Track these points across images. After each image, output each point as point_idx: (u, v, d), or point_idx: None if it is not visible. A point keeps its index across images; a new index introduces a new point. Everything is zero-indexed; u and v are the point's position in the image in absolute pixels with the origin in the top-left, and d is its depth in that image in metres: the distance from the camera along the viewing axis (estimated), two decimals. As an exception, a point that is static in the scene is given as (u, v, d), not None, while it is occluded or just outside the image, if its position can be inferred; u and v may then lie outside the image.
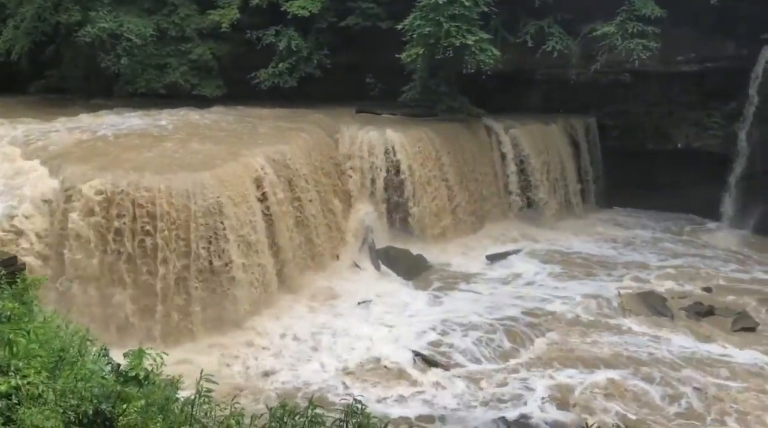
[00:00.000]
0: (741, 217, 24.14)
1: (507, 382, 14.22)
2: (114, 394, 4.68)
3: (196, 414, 5.20)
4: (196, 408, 5.22)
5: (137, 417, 4.66)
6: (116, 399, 4.67)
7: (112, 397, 4.64)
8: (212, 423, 5.42)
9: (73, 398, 4.64)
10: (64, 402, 4.60)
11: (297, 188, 18.80)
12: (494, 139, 24.69)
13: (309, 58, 25.39)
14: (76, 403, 4.59)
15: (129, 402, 4.69)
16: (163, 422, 4.98)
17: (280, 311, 16.79)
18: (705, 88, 24.57)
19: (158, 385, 5.40)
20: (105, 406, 4.59)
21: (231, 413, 5.17)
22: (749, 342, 16.04)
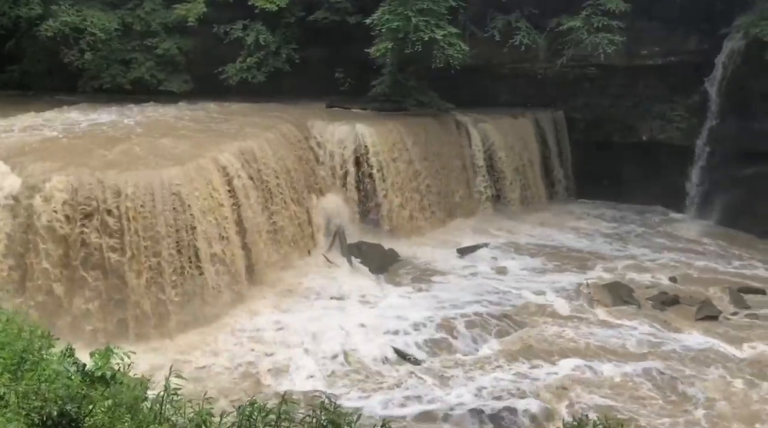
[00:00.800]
0: (705, 208, 24.68)
1: (480, 374, 14.35)
2: (79, 395, 4.60)
3: (165, 412, 5.15)
4: (165, 407, 5.16)
5: (104, 418, 4.60)
6: (82, 400, 4.60)
7: (78, 398, 4.57)
8: (182, 421, 5.37)
9: (37, 400, 4.55)
10: (27, 404, 4.51)
11: (267, 184, 18.69)
12: (463, 133, 24.84)
13: (277, 52, 25.21)
14: (40, 405, 4.51)
15: (95, 403, 4.63)
16: (132, 422, 4.92)
17: (251, 308, 16.69)
18: (669, 81, 25.02)
19: (126, 385, 5.33)
20: (70, 407, 4.51)
21: (200, 410, 5.12)
22: (712, 329, 16.41)
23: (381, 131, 22.35)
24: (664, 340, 15.88)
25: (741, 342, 15.79)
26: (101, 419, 4.64)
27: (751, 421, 12.71)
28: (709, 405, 13.21)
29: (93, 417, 4.64)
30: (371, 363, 14.65)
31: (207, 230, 16.07)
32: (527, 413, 12.75)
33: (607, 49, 22.92)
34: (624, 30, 23.22)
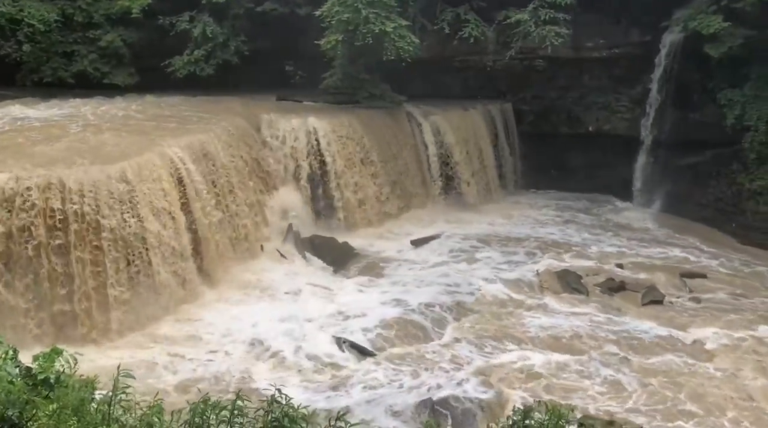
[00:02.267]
0: (649, 196, 25.49)
1: (432, 364, 14.48)
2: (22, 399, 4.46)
3: (114, 412, 5.03)
4: (113, 407, 5.05)
5: (48, 422, 4.47)
6: (24, 405, 4.45)
7: (20, 403, 4.42)
8: (132, 421, 5.26)
9: (-23, 405, 4.40)
10: (-34, 410, 4.35)
11: (217, 179, 18.41)
12: (415, 125, 24.98)
13: (226, 45, 24.84)
14: (-20, 411, 4.35)
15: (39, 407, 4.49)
16: (78, 424, 4.79)
17: (203, 305, 16.44)
18: (613, 73, 25.68)
19: (72, 387, 5.19)
20: (12, 412, 4.37)
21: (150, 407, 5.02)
22: (657, 314, 16.96)
23: (333, 123, 22.27)
24: (612, 325, 16.32)
25: (684, 325, 16.37)
26: (45, 423, 4.50)
27: (698, 402, 13.16)
28: (655, 388, 13.64)
29: (37, 422, 4.51)
30: (325, 356, 14.64)
31: (155, 227, 15.73)
32: (479, 401, 12.94)
33: (554, 42, 23.35)
34: (570, 23, 23.72)
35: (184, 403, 5.51)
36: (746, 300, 17.89)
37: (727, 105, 22.62)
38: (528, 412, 5.43)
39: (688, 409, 12.89)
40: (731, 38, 21.28)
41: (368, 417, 12.46)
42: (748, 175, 22.60)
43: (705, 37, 21.68)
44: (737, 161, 23.10)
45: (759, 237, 21.85)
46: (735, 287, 18.69)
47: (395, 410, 12.76)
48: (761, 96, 21.86)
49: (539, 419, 5.88)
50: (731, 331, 15.98)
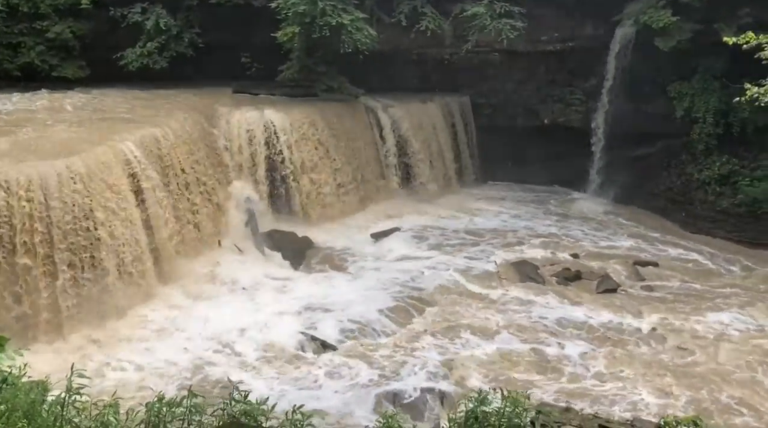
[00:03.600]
0: (603, 187, 26.02)
1: (393, 356, 14.55)
2: (-32, 402, 4.31)
3: (67, 414, 4.92)
4: (66, 409, 4.93)
5: (-3, 425, 4.34)
6: (-30, 408, 4.31)
7: (-35, 406, 4.28)
8: (87, 422, 5.15)
9: None
10: None
11: (172, 174, 18.09)
12: (374, 118, 24.96)
13: (179, 37, 24.36)
14: None
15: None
16: (29, 426, 4.67)
17: (159, 302, 16.17)
18: (567, 66, 26.07)
19: (21, 388, 5.05)
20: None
21: (106, 407, 4.92)
22: (611, 302, 17.36)
23: (291, 116, 22.09)
24: (568, 314, 16.65)
25: (638, 312, 16.80)
26: (-7, 426, 4.38)
27: (655, 388, 13.54)
28: (611, 374, 13.98)
29: (-16, 425, 4.38)
30: (286, 350, 14.57)
31: (108, 223, 15.38)
32: (439, 392, 13.07)
33: (510, 35, 23.60)
34: (525, 17, 23.99)
35: (141, 402, 5.43)
36: (696, 287, 18.45)
37: (677, 97, 23.25)
38: (483, 400, 5.49)
39: (644, 396, 13.23)
40: (680, 32, 21.84)
41: (329, 410, 12.47)
42: (696, 166, 23.29)
43: (655, 31, 22.19)
44: (686, 152, 23.78)
45: (707, 226, 22.54)
46: (685, 275, 19.26)
47: (356, 402, 12.79)
48: (708, 89, 22.52)
49: (497, 407, 5.97)
50: (683, 318, 16.47)
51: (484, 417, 5.97)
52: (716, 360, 14.60)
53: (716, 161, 22.80)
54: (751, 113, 21.27)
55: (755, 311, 16.91)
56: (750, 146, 22.52)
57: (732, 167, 22.43)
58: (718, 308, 17.00)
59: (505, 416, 5.84)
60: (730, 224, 22.05)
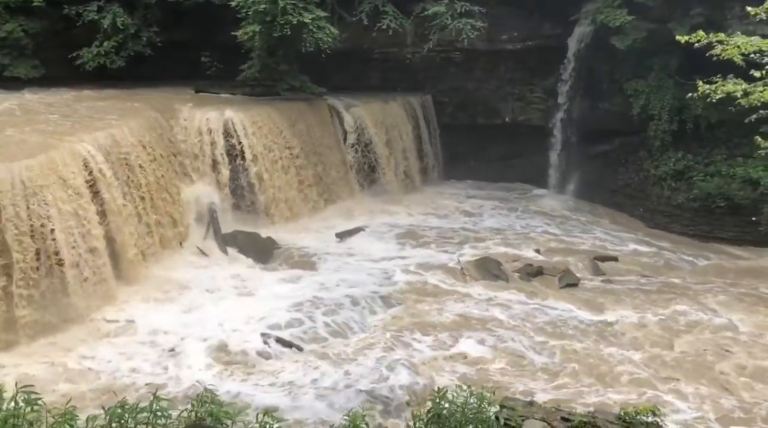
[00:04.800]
0: (563, 184, 26.48)
1: (360, 355, 14.57)
2: None
3: (22, 424, 4.79)
4: (22, 419, 4.80)
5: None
6: None
7: None
8: (43, 430, 5.03)
9: None
10: None
11: (132, 175, 17.77)
12: (336, 117, 24.91)
13: (137, 36, 23.93)
14: None
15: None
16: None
17: (120, 306, 15.87)
18: (527, 65, 26.42)
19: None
20: None
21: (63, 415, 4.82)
22: (573, 297, 17.69)
23: (252, 116, 21.91)
24: (531, 309, 16.90)
25: (599, 307, 17.14)
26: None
27: (617, 381, 13.83)
28: (574, 369, 14.22)
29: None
30: (251, 353, 14.44)
31: (66, 226, 15.03)
32: (407, 389, 13.13)
33: (470, 35, 23.82)
34: (485, 16, 24.24)
35: (102, 408, 5.33)
36: (654, 281, 18.91)
37: (633, 95, 23.77)
38: (444, 395, 5.56)
39: (605, 388, 13.52)
40: (635, 31, 22.34)
41: (297, 412, 12.44)
42: (653, 162, 23.87)
43: (612, 30, 22.66)
44: (643, 149, 24.34)
45: (664, 221, 23.13)
46: (644, 269, 19.73)
47: (324, 402, 12.77)
48: (663, 86, 23.08)
49: (462, 403, 6.04)
50: (642, 311, 16.85)
51: (449, 413, 6.05)
52: (674, 351, 14.99)
53: (672, 158, 23.40)
54: (704, 110, 21.94)
55: (711, 303, 17.40)
56: (703, 142, 23.18)
57: (687, 163, 23.05)
58: (675, 301, 17.44)
59: (470, 411, 5.92)
60: (685, 218, 22.66)
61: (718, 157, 22.69)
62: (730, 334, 15.67)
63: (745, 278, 19.18)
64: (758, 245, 21.11)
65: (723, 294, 17.87)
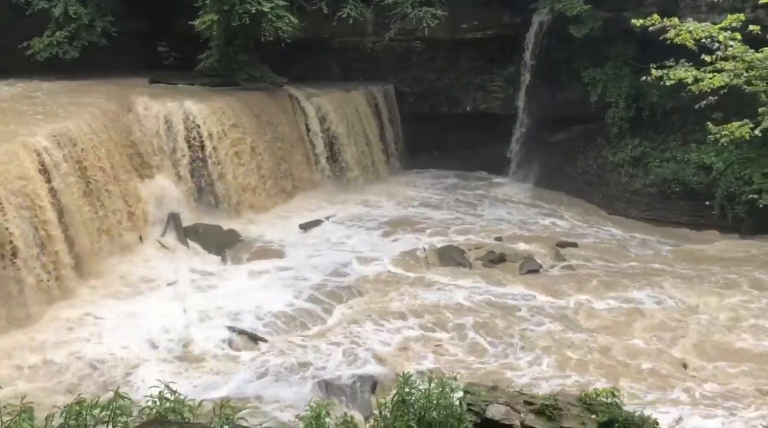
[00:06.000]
0: (524, 172, 26.80)
1: (324, 346, 14.55)
2: None
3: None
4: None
5: None
6: None
7: None
8: (-3, 431, 4.91)
9: None
10: None
11: (88, 169, 17.37)
12: (298, 107, 24.72)
13: (91, 25, 23.33)
14: None
15: None
16: None
17: (79, 302, 15.51)
18: (487, 54, 26.60)
19: None
20: None
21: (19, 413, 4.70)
22: (534, 283, 17.96)
23: (212, 107, 21.58)
24: (494, 296, 17.09)
25: (560, 292, 17.41)
26: None
27: (580, 366, 14.10)
28: (537, 354, 14.45)
29: None
30: (214, 345, 14.31)
31: (20, 222, 14.63)
32: (371, 378, 13.18)
33: (430, 23, 23.87)
34: (445, 5, 24.31)
35: (60, 406, 5.23)
36: (614, 266, 19.30)
37: (591, 83, 24.18)
38: (407, 381, 5.61)
39: (566, 372, 13.78)
40: (592, 20, 22.70)
41: (262, 404, 12.39)
42: (611, 149, 24.34)
43: (569, 19, 22.96)
44: (601, 136, 24.81)
45: (622, 206, 23.63)
46: (603, 254, 20.11)
47: (288, 394, 12.74)
48: (620, 74, 23.54)
49: (425, 389, 6.11)
50: (602, 296, 17.19)
51: (413, 399, 6.11)
52: (633, 335, 15.34)
53: (629, 144, 23.90)
54: (659, 97, 22.49)
55: (667, 286, 17.84)
56: (659, 129, 23.74)
57: (643, 149, 23.58)
58: (633, 285, 17.82)
59: (433, 397, 5.99)
60: (642, 203, 23.20)
61: (673, 143, 23.26)
62: (686, 317, 16.09)
63: (701, 261, 19.71)
64: (712, 228, 21.74)
65: (680, 278, 18.34)
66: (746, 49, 8.59)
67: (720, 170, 21.50)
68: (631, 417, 6.96)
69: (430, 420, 5.92)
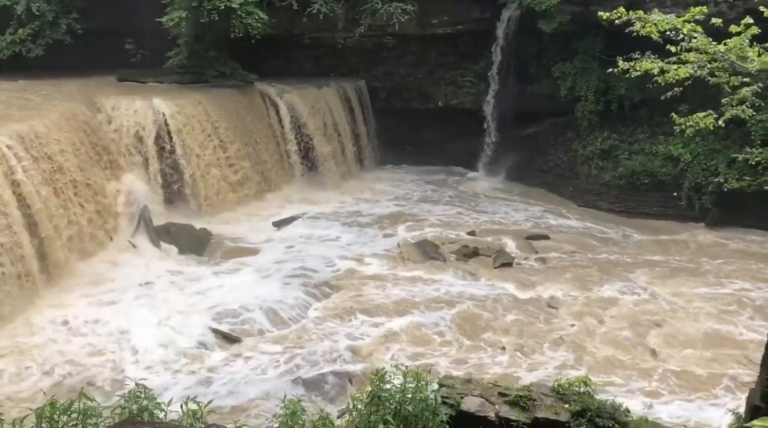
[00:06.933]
0: (496, 166, 27.01)
1: (301, 344, 14.52)
2: None
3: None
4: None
5: None
6: None
7: None
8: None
9: None
10: None
11: (56, 168, 17.04)
12: (270, 104, 24.55)
13: (56, 23, 22.92)
14: None
15: None
16: None
17: (49, 304, 15.26)
18: (458, 49, 26.73)
19: None
20: None
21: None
22: (507, 275, 18.12)
23: (182, 104, 21.33)
24: (468, 289, 17.21)
25: (533, 284, 17.60)
26: None
27: (548, 353, 14.29)
28: (509, 343, 14.61)
29: None
30: (188, 346, 14.16)
31: (-14, 224, 14.33)
32: (348, 374, 13.17)
33: (401, 19, 23.89)
34: (415, 0, 24.32)
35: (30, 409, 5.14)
36: (585, 258, 19.55)
37: (560, 77, 24.43)
38: (382, 377, 5.62)
39: (540, 362, 13.95)
40: (561, 14, 22.91)
41: (237, 403, 12.31)
42: (581, 142, 24.64)
43: (538, 14, 23.15)
44: (571, 130, 25.10)
45: (592, 199, 23.94)
46: (574, 246, 20.37)
47: (264, 391, 12.67)
48: (588, 68, 23.81)
49: (401, 383, 6.13)
50: (573, 287, 17.41)
51: (389, 394, 6.12)
52: (604, 324, 15.58)
53: (598, 137, 24.21)
54: (627, 90, 22.83)
55: (637, 276, 18.15)
56: (627, 121, 24.09)
57: (612, 142, 23.91)
58: (604, 275, 18.10)
59: (408, 391, 6.01)
60: (612, 195, 23.54)
61: (642, 135, 23.63)
62: (656, 306, 16.38)
63: (669, 251, 20.08)
64: (680, 219, 22.15)
65: (649, 268, 18.66)
66: (709, 41, 8.75)
67: (687, 161, 21.92)
68: (603, 406, 7.08)
69: (405, 414, 5.94)
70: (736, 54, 8.71)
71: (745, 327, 15.37)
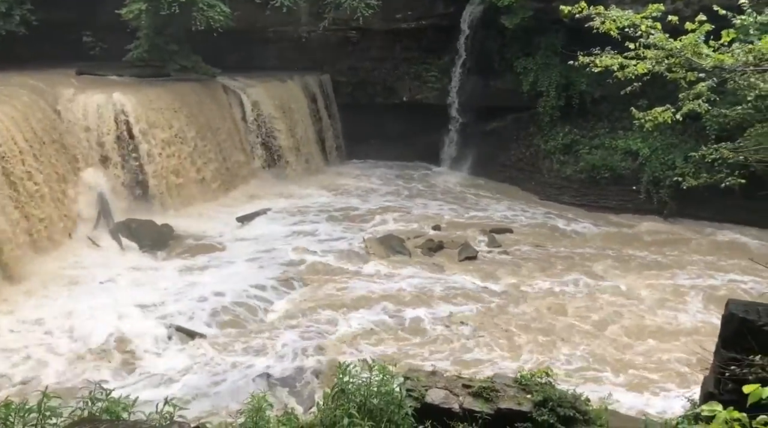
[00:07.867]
0: (460, 161, 27.21)
1: (265, 340, 14.44)
2: None
3: None
4: None
5: None
6: None
7: None
8: None
9: None
10: None
11: (12, 163, 16.59)
12: (233, 98, 24.29)
13: (9, 14, 22.23)
14: None
15: None
16: None
17: (5, 303, 14.87)
18: (422, 44, 26.80)
19: None
20: None
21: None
22: (472, 268, 18.31)
23: (142, 98, 20.95)
24: (434, 282, 17.33)
25: (497, 276, 17.84)
26: None
27: (509, 345, 14.50)
28: (474, 336, 14.77)
29: None
30: (151, 344, 13.96)
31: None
32: (315, 370, 13.16)
33: (365, 13, 23.83)
34: (379, -5, 24.33)
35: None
36: (547, 251, 19.86)
37: (523, 73, 24.70)
38: (345, 371, 5.65)
39: (503, 354, 14.13)
40: (523, 10, 23.15)
41: (202, 400, 12.19)
42: (543, 137, 24.97)
43: (501, 9, 23.34)
44: (534, 125, 25.41)
45: (554, 193, 24.31)
46: (537, 239, 20.67)
47: (230, 389, 12.58)
48: (550, 64, 24.13)
49: (366, 377, 6.16)
50: (536, 279, 17.70)
51: (354, 388, 6.15)
52: (567, 315, 15.87)
53: (560, 132, 24.57)
54: (587, 85, 23.20)
55: (598, 268, 18.53)
56: (588, 117, 24.50)
57: (574, 137, 24.30)
58: (566, 268, 18.43)
59: (374, 385, 6.05)
60: (573, 189, 23.94)
61: (602, 130, 24.06)
62: (617, 298, 16.74)
63: (629, 244, 20.52)
64: (638, 212, 22.66)
65: (609, 260, 19.06)
66: (666, 38, 8.95)
67: (645, 155, 22.41)
68: (564, 396, 7.23)
69: (371, 407, 5.98)
70: (692, 50, 8.93)
71: (700, 315, 15.82)
